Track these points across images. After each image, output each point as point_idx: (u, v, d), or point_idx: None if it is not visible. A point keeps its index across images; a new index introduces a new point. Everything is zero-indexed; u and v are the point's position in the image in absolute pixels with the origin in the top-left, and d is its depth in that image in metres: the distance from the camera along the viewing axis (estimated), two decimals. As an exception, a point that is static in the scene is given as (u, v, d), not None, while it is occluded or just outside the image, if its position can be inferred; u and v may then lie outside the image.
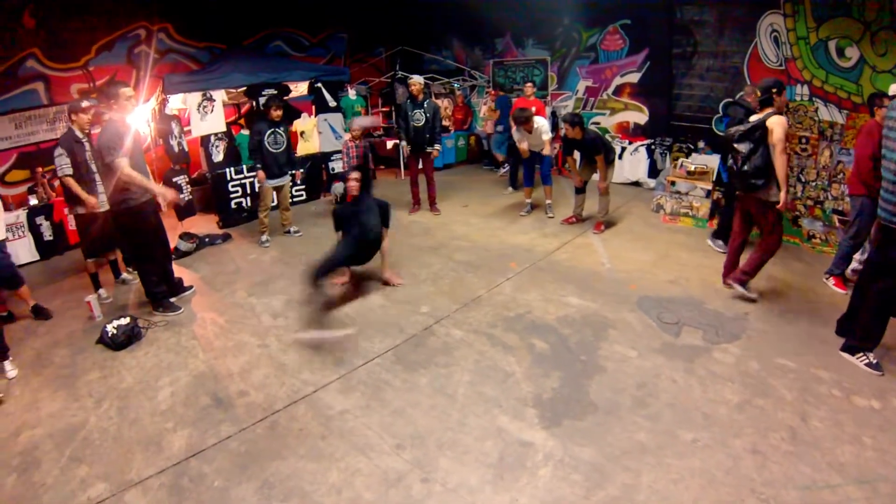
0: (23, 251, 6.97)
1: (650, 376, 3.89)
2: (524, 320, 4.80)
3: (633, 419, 3.44)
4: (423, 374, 4.04)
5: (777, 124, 4.53)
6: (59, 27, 7.90)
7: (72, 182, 5.20)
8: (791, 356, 4.06)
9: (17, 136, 7.66)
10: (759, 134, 4.66)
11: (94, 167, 5.31)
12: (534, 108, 8.44)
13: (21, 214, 6.98)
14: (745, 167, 4.76)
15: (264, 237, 7.22)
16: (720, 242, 6.23)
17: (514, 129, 7.46)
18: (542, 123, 7.27)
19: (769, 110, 4.65)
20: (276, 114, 6.95)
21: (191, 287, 5.71)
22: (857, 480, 2.85)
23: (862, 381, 3.74)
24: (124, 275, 6.13)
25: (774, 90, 4.66)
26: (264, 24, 10.64)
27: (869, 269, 4.15)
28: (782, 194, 4.59)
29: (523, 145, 7.33)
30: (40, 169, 7.26)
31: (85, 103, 5.30)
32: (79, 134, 5.27)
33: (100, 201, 5.39)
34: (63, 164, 5.13)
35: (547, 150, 7.39)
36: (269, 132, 6.91)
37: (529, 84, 9.28)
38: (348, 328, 4.69)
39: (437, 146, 7.93)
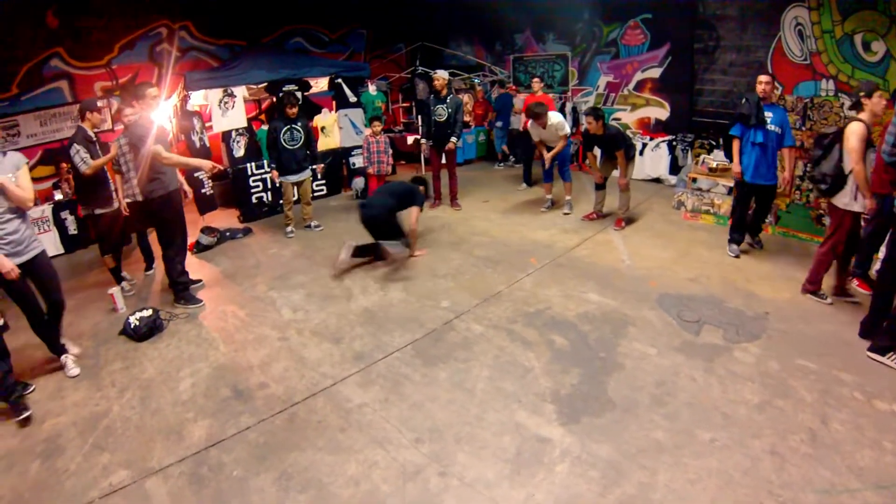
0: (48, 245, 7.06)
1: (669, 374, 3.86)
2: (544, 316, 4.79)
3: (651, 417, 3.42)
4: (442, 368, 4.05)
5: (853, 133, 4.38)
6: (82, 26, 8.03)
7: (96, 163, 5.23)
8: (812, 357, 4.00)
9: (42, 133, 7.81)
10: (829, 141, 4.58)
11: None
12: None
13: (46, 209, 7.13)
14: (814, 173, 4.72)
15: (289, 228, 7.39)
16: (734, 247, 6.04)
17: (529, 124, 7.43)
18: (557, 120, 7.23)
19: (859, 115, 4.49)
20: (291, 111, 7.03)
21: (199, 281, 5.82)
22: (876, 486, 2.81)
23: (884, 384, 3.67)
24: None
25: (862, 94, 4.48)
26: (284, 21, 10.72)
27: (889, 268, 4.09)
28: (868, 202, 4.43)
29: (541, 145, 7.35)
30: (65, 165, 7.38)
31: (100, 102, 5.35)
32: (90, 133, 5.34)
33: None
34: (83, 158, 5.18)
35: (561, 145, 7.33)
36: (284, 129, 7.02)
37: (536, 79, 9.23)
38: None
39: (453, 139, 7.92)
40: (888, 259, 4.12)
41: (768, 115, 5.58)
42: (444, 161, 8.11)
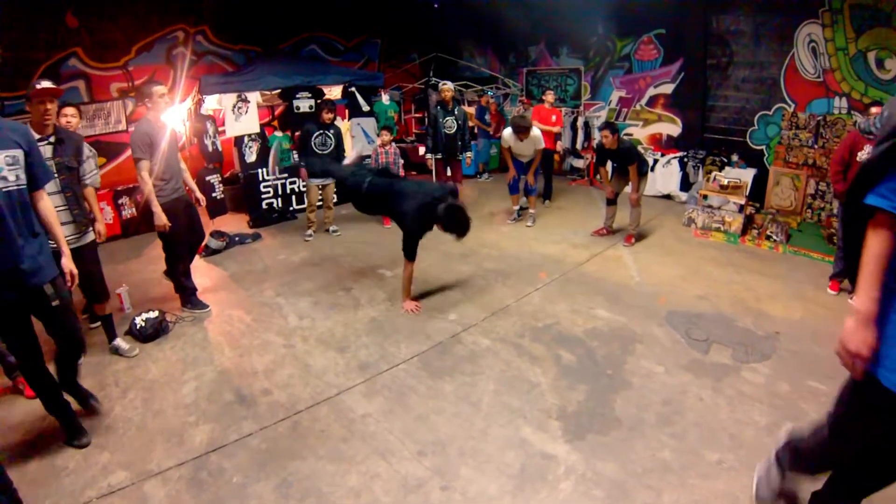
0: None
1: (677, 393, 3.81)
2: (552, 331, 4.75)
3: (658, 437, 3.37)
4: (447, 381, 4.02)
5: None
6: (100, 27, 8.13)
7: None
8: (823, 379, 3.93)
9: (58, 130, 7.86)
10: None
11: None
12: (554, 118, 8.50)
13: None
14: None
15: (309, 231, 7.46)
16: None
17: (508, 133, 7.37)
18: (537, 134, 7.27)
19: None
20: (328, 116, 7.15)
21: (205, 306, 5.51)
22: (887, 511, 2.75)
23: None
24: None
25: None
26: (300, 29, 10.81)
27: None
28: None
29: (507, 153, 7.48)
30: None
31: None
32: None
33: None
34: None
35: (538, 159, 7.41)
36: (317, 133, 7.12)
37: (550, 91, 9.24)
38: None
39: (469, 153, 7.99)
40: None
41: None
42: (450, 173, 8.11)
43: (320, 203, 7.53)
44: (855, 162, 4.95)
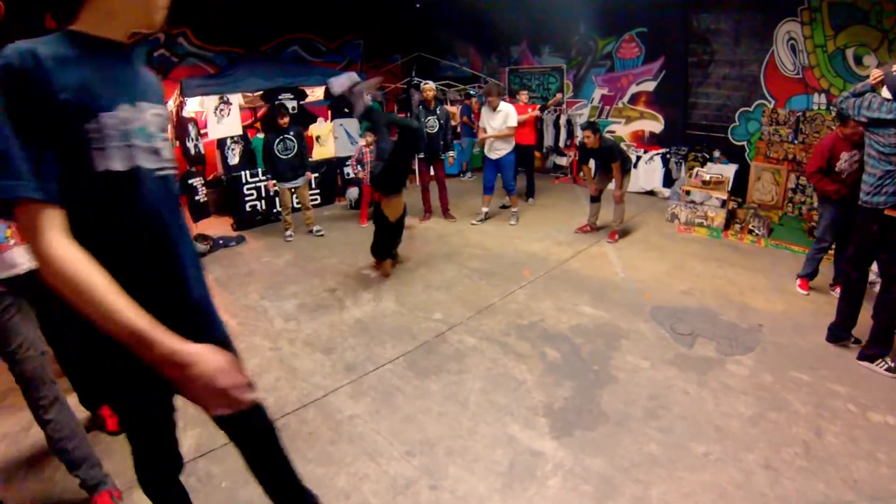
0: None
1: (662, 388, 3.85)
2: (537, 329, 4.77)
3: (645, 431, 3.40)
4: (434, 380, 4.02)
5: None
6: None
7: None
8: (806, 370, 4.00)
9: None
10: None
11: None
12: (529, 110, 8.59)
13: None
14: None
15: (288, 232, 7.47)
16: None
17: (484, 106, 7.48)
18: (508, 109, 7.35)
19: None
20: (282, 121, 7.17)
21: None
22: (871, 498, 2.80)
23: (878, 396, 3.67)
24: None
25: None
26: (282, 30, 10.74)
27: (853, 271, 4.16)
28: None
29: (485, 131, 7.54)
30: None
31: None
32: None
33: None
34: None
35: (505, 133, 7.44)
36: (277, 140, 7.12)
37: (523, 92, 9.35)
38: None
39: (451, 152, 8.00)
40: (851, 263, 4.19)
41: None
42: (433, 172, 8.11)
43: (298, 205, 7.55)
44: (834, 172, 4.80)
